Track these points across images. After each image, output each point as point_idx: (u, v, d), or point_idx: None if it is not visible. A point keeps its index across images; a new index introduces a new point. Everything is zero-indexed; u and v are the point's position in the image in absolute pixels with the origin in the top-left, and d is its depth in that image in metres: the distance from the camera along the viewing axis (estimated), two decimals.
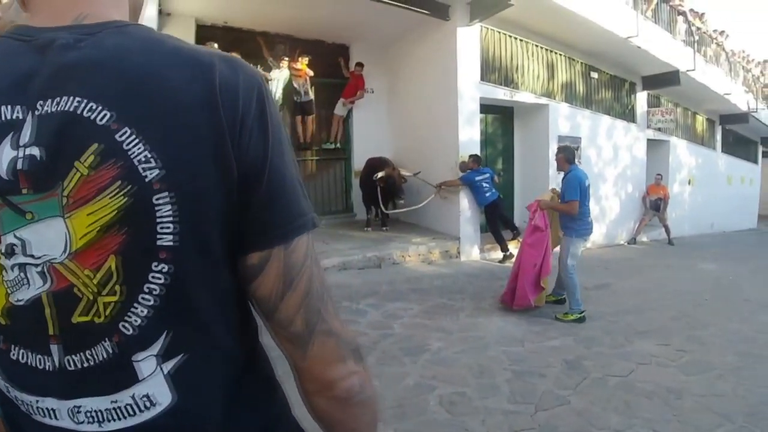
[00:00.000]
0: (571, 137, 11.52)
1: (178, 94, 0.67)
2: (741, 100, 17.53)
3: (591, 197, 6.61)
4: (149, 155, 0.64)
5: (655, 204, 13.92)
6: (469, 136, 9.68)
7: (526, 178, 11.69)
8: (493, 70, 10.10)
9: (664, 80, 13.48)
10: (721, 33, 17.48)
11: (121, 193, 0.64)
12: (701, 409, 4.04)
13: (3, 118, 0.64)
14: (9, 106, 0.65)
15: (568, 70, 11.79)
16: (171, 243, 0.66)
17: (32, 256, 0.65)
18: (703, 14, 16.50)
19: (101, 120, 0.64)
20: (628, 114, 13.74)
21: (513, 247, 9.87)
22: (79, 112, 0.64)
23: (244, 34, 10.35)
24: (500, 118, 11.58)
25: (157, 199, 0.65)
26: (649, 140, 14.44)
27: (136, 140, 0.64)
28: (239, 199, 0.70)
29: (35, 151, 0.63)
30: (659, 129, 14.56)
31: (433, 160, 10.12)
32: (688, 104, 16.37)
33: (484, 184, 9.34)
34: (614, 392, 4.31)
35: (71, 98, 0.64)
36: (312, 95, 10.60)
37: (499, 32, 10.11)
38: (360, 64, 11.10)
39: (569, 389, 4.32)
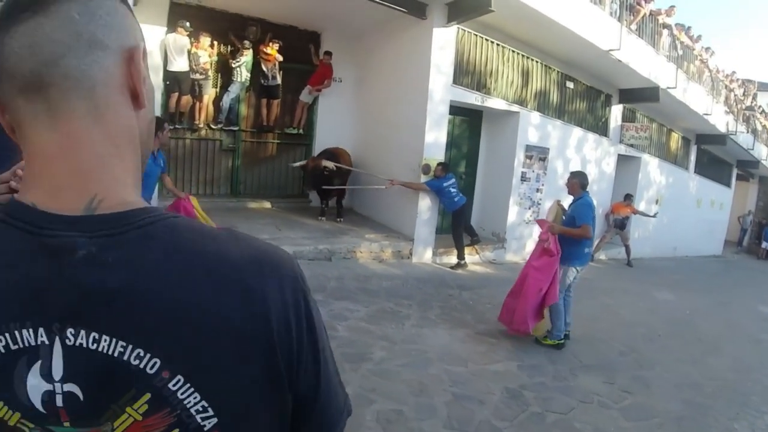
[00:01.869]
0: (540, 147, 11.88)
1: (231, 332, 0.66)
2: (720, 120, 17.87)
3: None
4: (206, 404, 0.64)
5: (621, 223, 14.34)
6: (436, 139, 9.91)
7: (489, 184, 11.96)
8: (466, 74, 10.31)
9: (642, 95, 13.75)
10: (707, 50, 17.80)
11: None
12: None
13: (20, 341, 0.61)
14: (28, 330, 0.61)
15: (543, 78, 12.03)
16: None
17: None
18: (689, 28, 16.75)
19: (151, 369, 0.62)
20: (600, 127, 14.03)
21: (468, 254, 10.18)
22: (125, 358, 0.62)
23: (217, 14, 10.55)
24: (468, 121, 11.80)
25: None
26: (620, 155, 14.82)
27: (191, 389, 0.64)
28: (291, 423, 0.75)
29: (74, 389, 0.62)
30: (632, 145, 14.92)
31: (396, 158, 10.37)
32: (665, 120, 16.71)
33: (452, 189, 9.65)
34: (551, 430, 4.39)
35: (112, 340, 0.62)
36: (279, 80, 10.95)
37: (476, 35, 10.30)
38: (329, 53, 11.36)
39: (507, 421, 4.40)
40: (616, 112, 14.44)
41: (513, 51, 11.08)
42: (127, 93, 0.70)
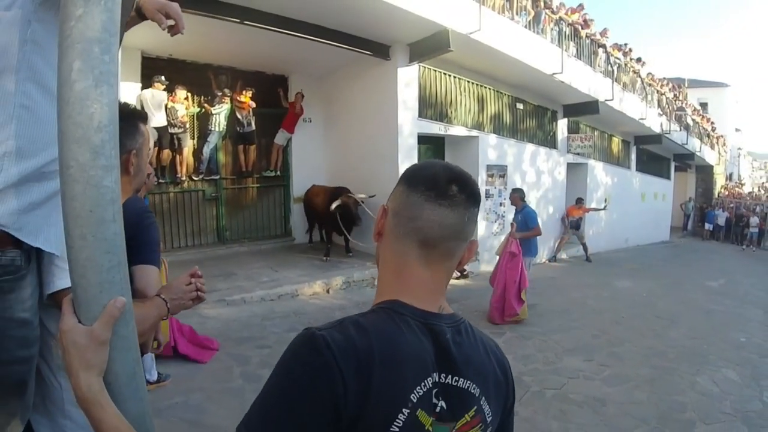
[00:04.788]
0: (498, 165, 13.15)
1: (498, 377, 1.17)
2: (655, 122, 19.68)
3: None
4: (490, 410, 1.11)
5: (576, 224, 15.85)
6: None
7: None
8: (429, 106, 11.35)
9: (584, 109, 15.24)
10: (638, 61, 19.55)
11: (480, 428, 1.09)
12: (622, 414, 5.17)
13: (430, 383, 1.02)
14: (433, 375, 1.03)
15: (497, 103, 13.28)
16: None
17: None
18: (625, 44, 18.56)
19: (477, 394, 1.09)
20: (549, 140, 15.46)
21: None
22: (469, 389, 1.07)
23: (188, 65, 11.19)
24: (433, 148, 12.87)
25: (489, 429, 1.12)
26: (569, 164, 16.29)
27: (487, 403, 1.11)
28: (504, 417, 1.21)
29: (444, 404, 1.03)
30: (578, 153, 16.39)
31: (370, 190, 11.00)
32: (605, 128, 18.35)
33: None
34: (551, 402, 5.41)
35: (465, 381, 1.07)
36: (254, 126, 11.63)
37: (435, 70, 11.38)
38: (301, 94, 12.24)
39: (515, 401, 5.47)
40: (562, 125, 15.89)
41: (469, 81, 12.26)
42: (455, 266, 1.18)
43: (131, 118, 1.85)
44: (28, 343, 1.44)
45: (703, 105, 34.82)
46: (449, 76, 11.75)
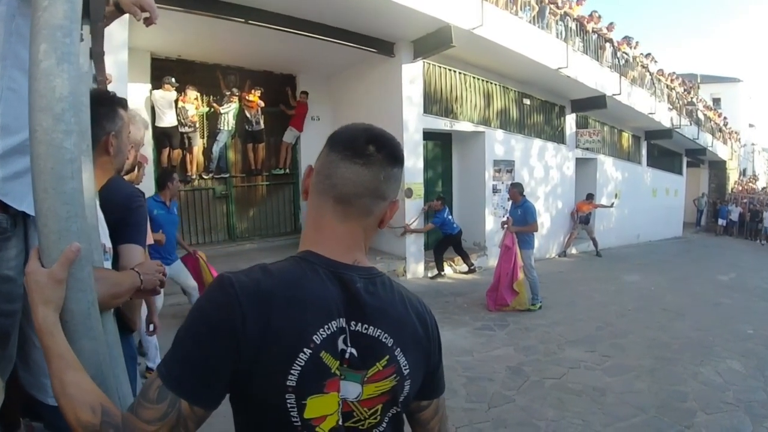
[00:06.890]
0: (506, 161, 13.21)
1: (417, 330, 1.23)
2: (665, 117, 19.69)
3: None
4: (406, 362, 1.18)
5: (585, 219, 15.92)
6: (414, 165, 11.00)
7: (465, 199, 13.16)
8: (434, 102, 11.47)
9: (591, 104, 15.26)
10: (647, 56, 19.51)
11: (394, 378, 1.16)
12: (621, 403, 5.18)
13: (335, 327, 1.10)
14: (338, 320, 1.11)
15: (503, 98, 13.38)
16: (404, 399, 1.22)
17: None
18: (632, 39, 18.43)
19: (390, 344, 1.15)
20: (558, 136, 15.52)
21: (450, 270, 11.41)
22: (380, 338, 1.15)
23: (197, 66, 11.30)
24: (440, 144, 12.99)
25: (407, 382, 1.19)
26: (577, 159, 16.30)
27: (403, 354, 1.17)
28: (428, 374, 1.29)
29: (354, 351, 1.12)
30: (587, 148, 16.41)
31: None
32: (615, 123, 18.35)
33: (450, 217, 11.07)
34: (550, 392, 5.46)
35: (376, 329, 1.14)
36: (262, 124, 11.76)
37: (440, 67, 11.49)
38: (305, 93, 12.38)
39: (513, 390, 5.48)
40: (570, 120, 15.94)
41: (474, 77, 12.35)
42: (375, 224, 1.26)
43: (111, 103, 1.97)
44: (12, 299, 1.58)
45: (716, 100, 34.82)
46: (454, 72, 11.83)
